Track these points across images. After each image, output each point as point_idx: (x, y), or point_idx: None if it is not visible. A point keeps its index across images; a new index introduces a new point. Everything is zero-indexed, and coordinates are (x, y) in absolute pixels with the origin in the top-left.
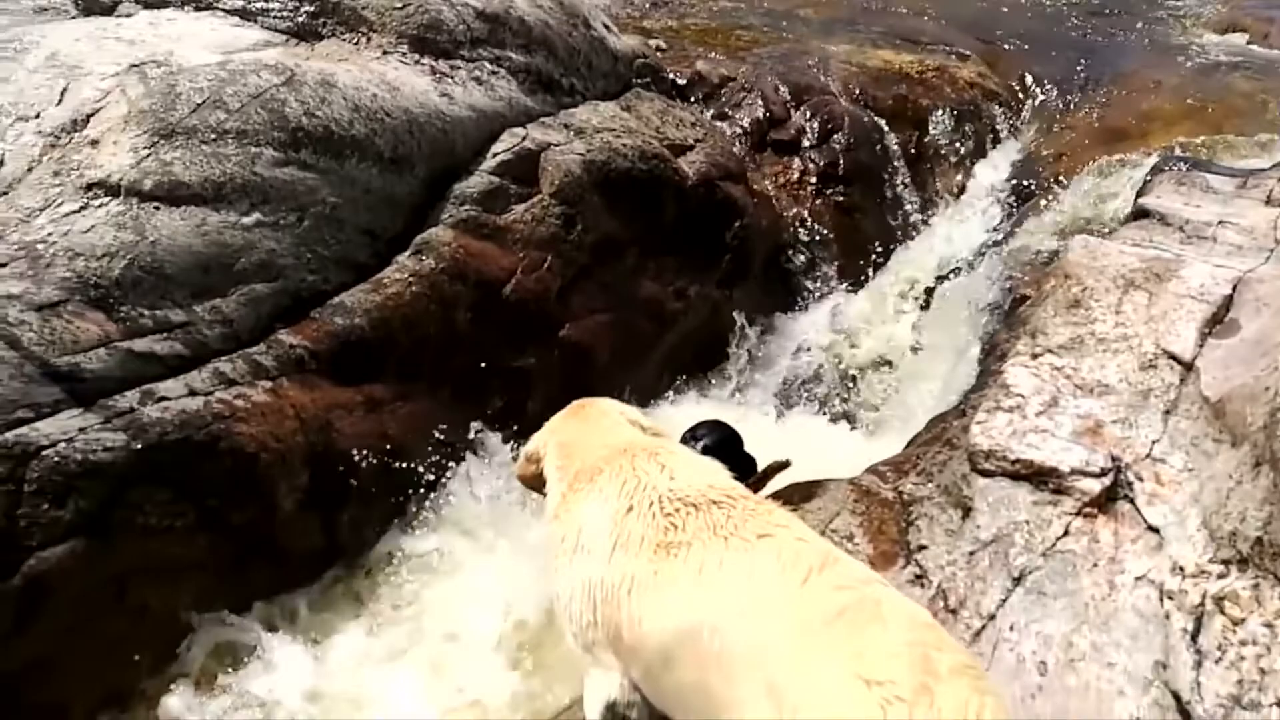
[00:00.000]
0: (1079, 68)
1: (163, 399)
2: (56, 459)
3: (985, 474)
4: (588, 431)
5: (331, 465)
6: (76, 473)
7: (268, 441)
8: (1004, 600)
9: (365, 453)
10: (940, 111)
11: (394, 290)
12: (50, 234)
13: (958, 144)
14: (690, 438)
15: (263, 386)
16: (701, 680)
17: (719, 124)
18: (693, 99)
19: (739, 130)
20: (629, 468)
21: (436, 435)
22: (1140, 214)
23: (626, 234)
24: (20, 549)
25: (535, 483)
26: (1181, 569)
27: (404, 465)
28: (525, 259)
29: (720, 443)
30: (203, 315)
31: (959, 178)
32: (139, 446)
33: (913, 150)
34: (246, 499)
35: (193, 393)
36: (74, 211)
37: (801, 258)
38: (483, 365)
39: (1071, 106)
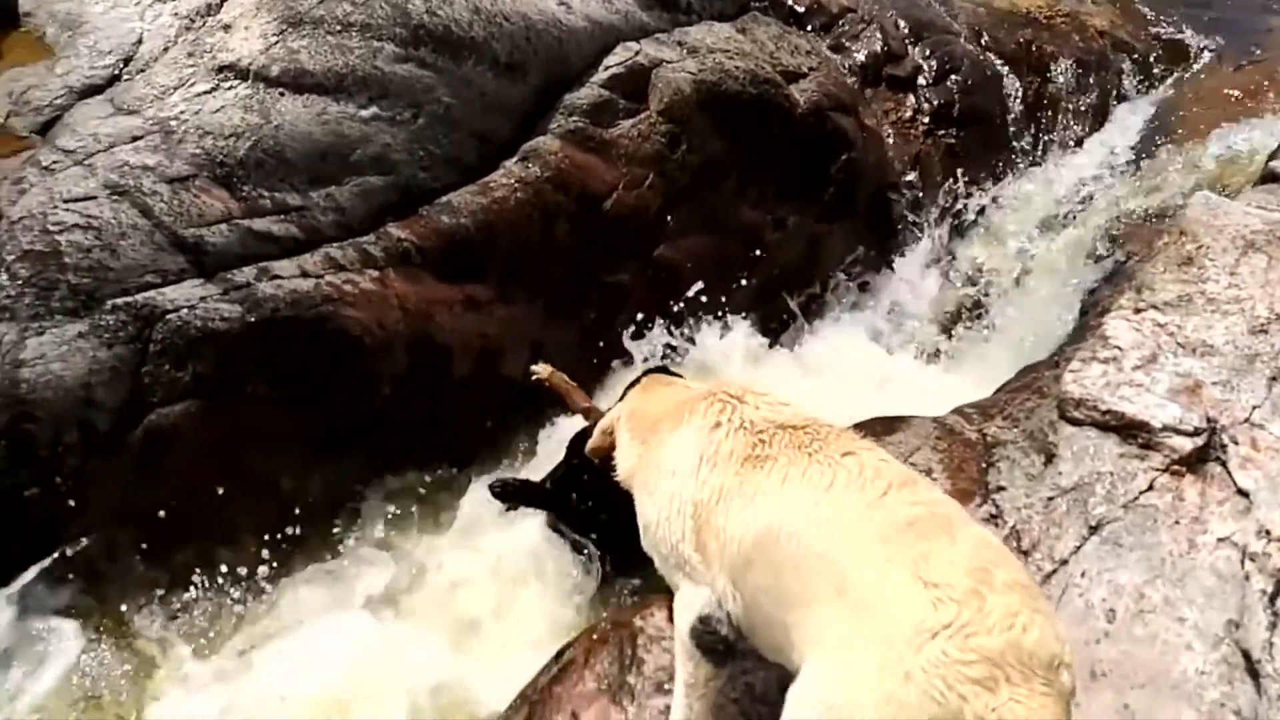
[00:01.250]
0: (1218, 23)
1: (277, 277)
2: (179, 323)
3: (1073, 422)
4: (660, 395)
5: (430, 357)
6: (196, 338)
7: (372, 327)
8: (1078, 547)
9: (463, 349)
10: (1065, 60)
11: (500, 195)
12: (183, 112)
13: (1081, 95)
14: None
15: (370, 275)
16: (776, 583)
17: (834, 55)
18: (809, 27)
19: (854, 63)
20: (715, 401)
21: (534, 340)
22: (1270, 177)
23: (730, 158)
24: (143, 405)
25: (609, 452)
26: (1268, 533)
27: (499, 366)
28: (628, 175)
29: None
30: (318, 201)
31: (1078, 129)
32: (253, 320)
33: (1032, 98)
34: (348, 381)
35: (305, 274)
36: (205, 92)
37: (906, 198)
38: (579, 277)
39: (1207, 63)
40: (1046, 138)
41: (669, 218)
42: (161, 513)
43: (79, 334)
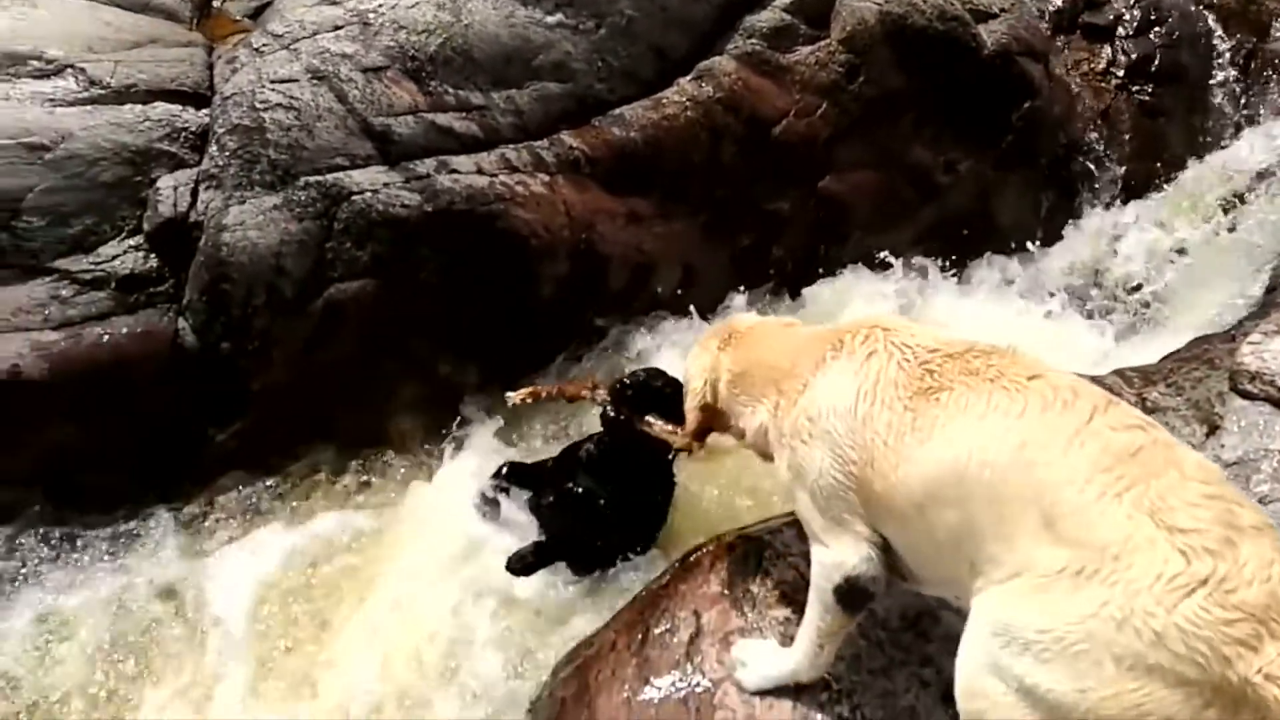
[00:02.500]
0: None
1: (455, 172)
2: (362, 206)
3: (1245, 395)
4: (775, 342)
5: (589, 265)
6: (377, 221)
7: (539, 229)
8: None
9: (620, 261)
10: None
11: (671, 111)
12: (380, 5)
13: None
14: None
15: (541, 179)
16: (964, 518)
17: None
18: None
19: (1049, 7)
20: (863, 332)
21: (687, 260)
22: None
23: (907, 94)
24: (324, 278)
25: (718, 425)
26: None
27: (651, 282)
28: (800, 102)
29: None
30: (498, 103)
31: None
32: (429, 210)
33: (1244, 58)
34: (512, 278)
35: (480, 172)
36: None
37: (1089, 155)
38: (739, 201)
39: None
40: (1258, 103)
41: (838, 150)
42: (332, 379)
43: (274, 206)
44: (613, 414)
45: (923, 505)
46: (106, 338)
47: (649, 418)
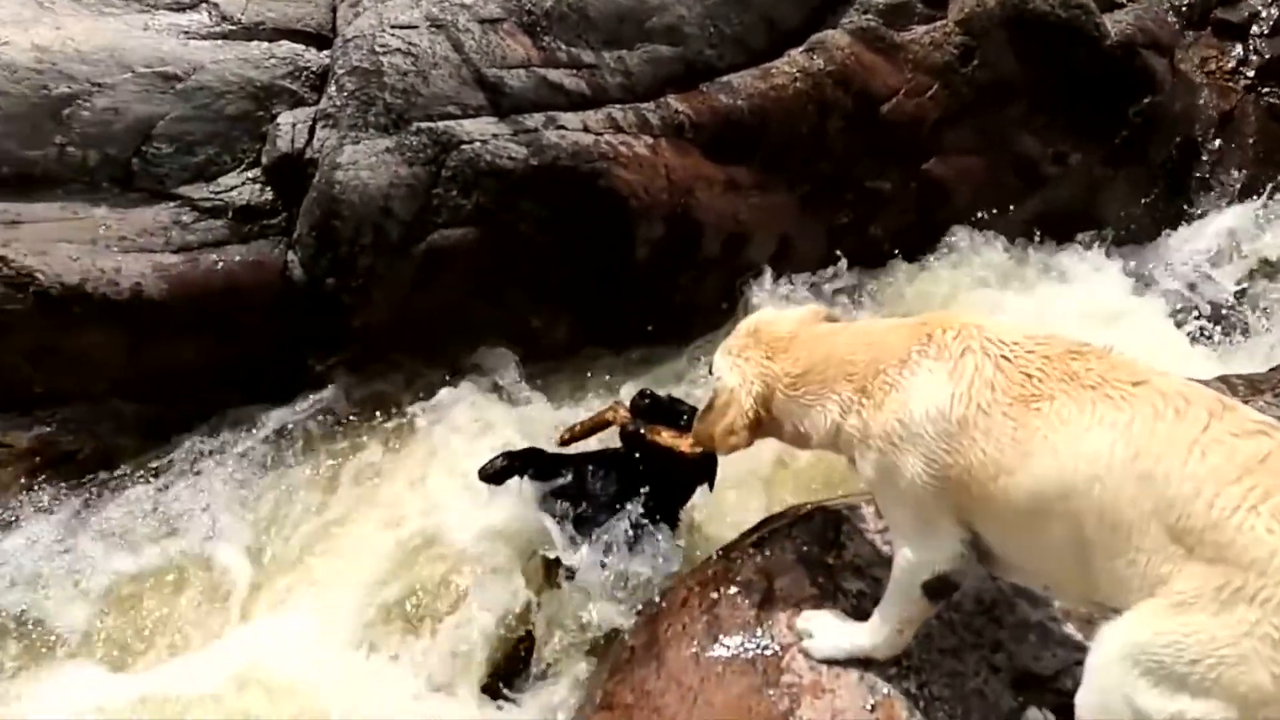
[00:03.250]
0: None
1: (562, 128)
2: (470, 155)
3: None
4: (843, 340)
5: (685, 231)
6: (483, 171)
7: (639, 191)
8: None
9: (715, 229)
10: None
11: (779, 82)
12: None
13: None
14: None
15: (645, 141)
16: (1073, 533)
17: None
18: None
19: (1181, 1)
20: (952, 333)
21: (783, 232)
22: None
23: (1022, 81)
24: (428, 223)
25: (766, 433)
26: None
27: (744, 252)
28: (912, 82)
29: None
30: (609, 62)
31: None
32: (535, 164)
33: None
34: (609, 238)
35: (586, 129)
36: None
37: (1208, 156)
38: (840, 177)
39: None
40: None
41: (945, 133)
42: (429, 323)
43: (386, 149)
44: (630, 427)
45: (1026, 516)
46: (221, 264)
47: (659, 428)
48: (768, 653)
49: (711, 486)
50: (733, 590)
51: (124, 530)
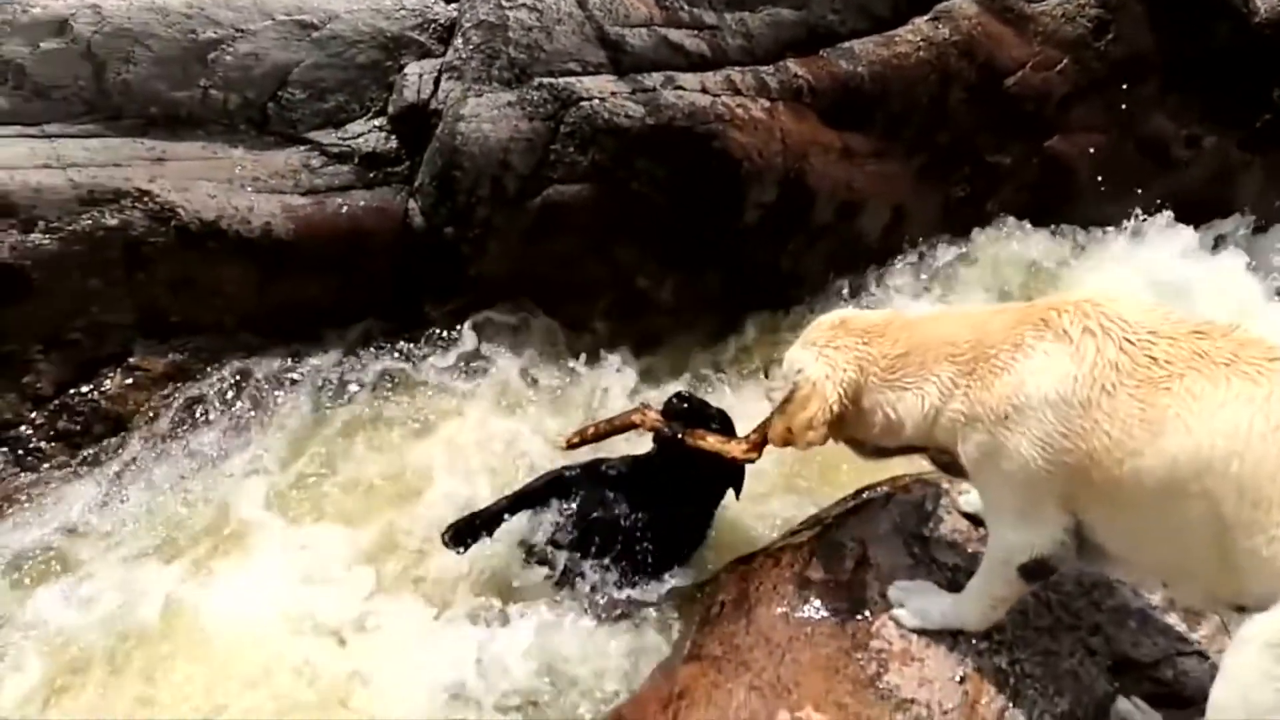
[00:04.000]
0: None
1: (680, 88)
2: (589, 112)
3: None
4: (939, 327)
5: (796, 197)
6: (601, 129)
7: (753, 154)
8: None
9: (828, 196)
10: None
11: (902, 50)
12: None
13: None
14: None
15: (761, 104)
16: (1209, 512)
17: None
18: None
19: None
20: (1069, 314)
21: (897, 202)
22: None
23: (1158, 57)
24: (545, 178)
25: (844, 433)
26: None
27: (855, 221)
28: (1040, 55)
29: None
30: (730, 24)
31: None
32: (651, 123)
33: None
34: (720, 200)
35: (704, 90)
36: None
37: None
38: (959, 149)
39: None
40: None
41: (1072, 109)
42: (540, 277)
43: (508, 103)
44: (668, 431)
45: (1155, 498)
46: (346, 208)
47: (702, 431)
48: (858, 617)
49: (739, 494)
50: (826, 555)
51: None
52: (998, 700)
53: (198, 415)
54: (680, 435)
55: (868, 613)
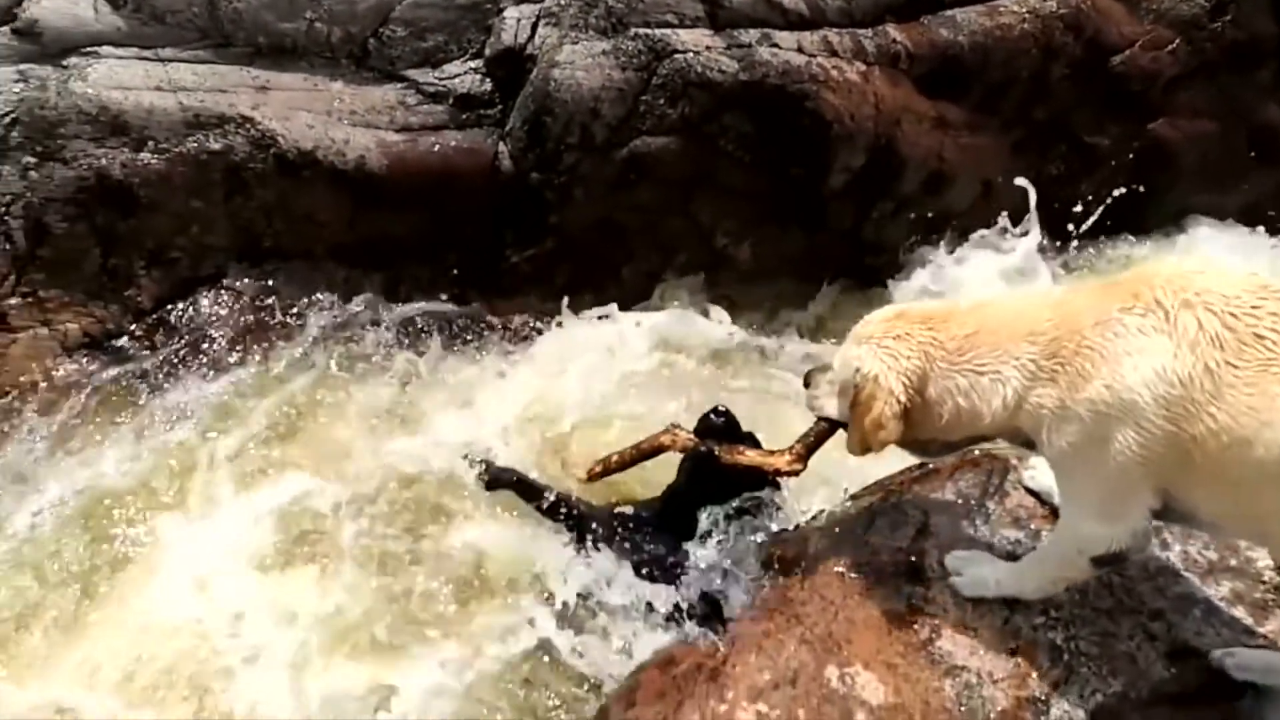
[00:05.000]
0: None
1: (776, 46)
2: (682, 65)
3: None
4: (1010, 306)
5: (885, 163)
6: (693, 82)
7: (844, 117)
8: None
9: (917, 165)
10: None
11: (1006, 21)
12: None
13: None
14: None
15: (857, 68)
16: None
17: None
18: None
19: None
20: (1161, 287)
21: (987, 177)
22: None
23: (1275, 43)
24: (633, 129)
25: (918, 424)
26: None
27: (943, 193)
28: (1151, 34)
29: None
30: None
31: None
32: (744, 79)
33: None
34: (807, 161)
35: (800, 50)
36: None
37: None
38: (1056, 127)
39: None
40: None
41: (1179, 92)
42: (621, 227)
43: (603, 51)
44: (704, 449)
45: (1265, 480)
46: (437, 147)
47: (740, 447)
48: (915, 583)
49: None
50: (888, 520)
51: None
52: (1050, 675)
53: (279, 337)
54: (717, 452)
55: (925, 579)
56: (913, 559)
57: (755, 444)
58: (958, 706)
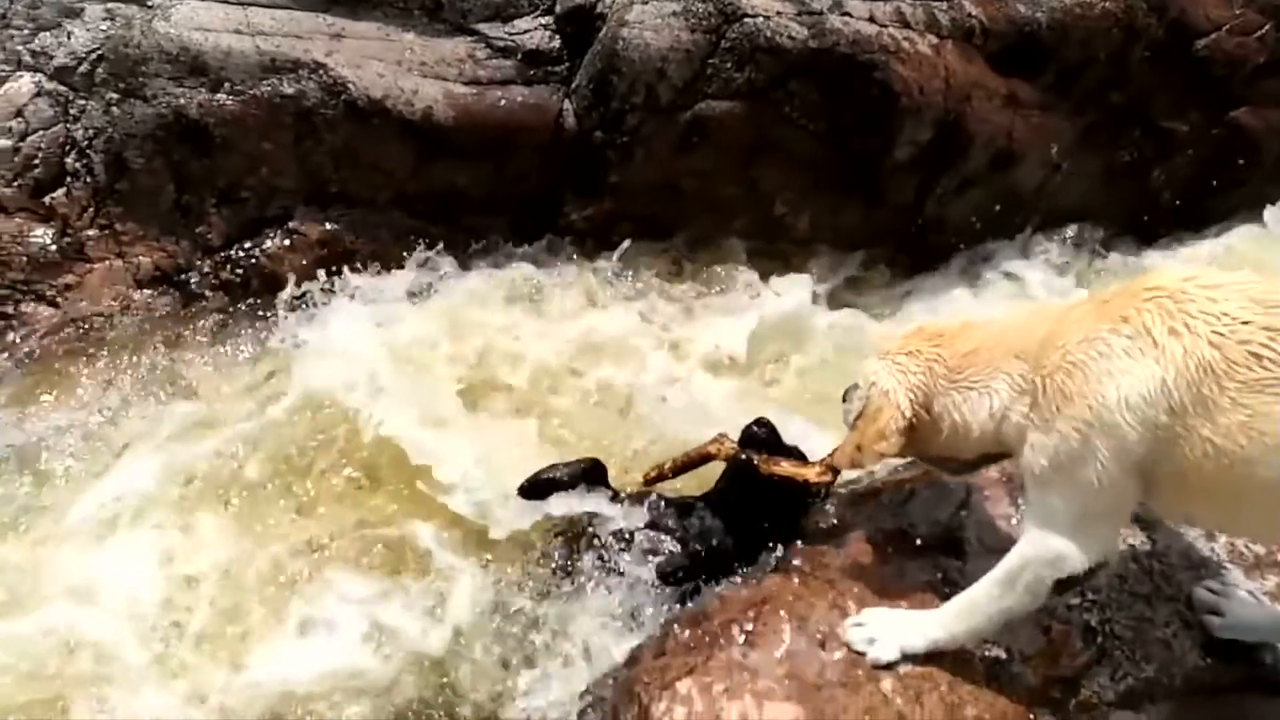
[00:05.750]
0: None
1: (847, 15)
2: (752, 29)
3: None
4: (1010, 323)
5: (952, 139)
6: (762, 47)
7: (913, 90)
8: None
9: (985, 143)
10: None
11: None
12: None
13: None
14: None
15: (929, 40)
16: None
17: None
18: None
19: None
20: (1151, 310)
21: (1056, 159)
22: None
23: None
24: (699, 92)
25: (923, 440)
26: None
27: (1009, 172)
28: (1240, 18)
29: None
30: None
31: None
32: (814, 46)
33: None
34: (872, 132)
35: (872, 20)
36: None
37: None
38: (1132, 111)
39: None
40: None
41: (1264, 80)
42: (680, 190)
43: (673, 13)
44: (744, 458)
45: (1268, 496)
46: (504, 101)
47: (776, 458)
48: (951, 557)
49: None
50: (929, 494)
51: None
52: (1082, 656)
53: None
54: (756, 462)
55: (963, 553)
56: (951, 534)
57: (800, 456)
58: (986, 681)
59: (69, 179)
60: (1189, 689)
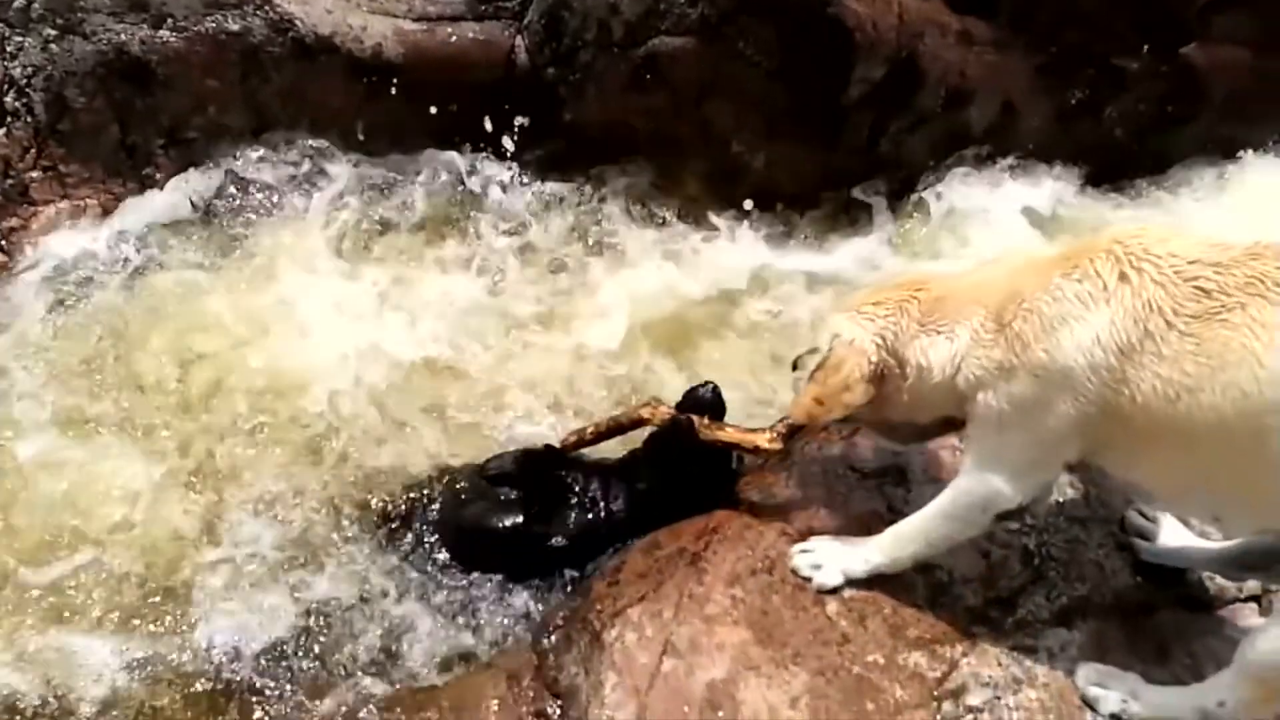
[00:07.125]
0: None
1: None
2: None
3: None
4: (975, 273)
5: (904, 77)
6: None
7: (866, 25)
8: None
9: (937, 80)
10: None
11: None
12: None
13: None
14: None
15: None
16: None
17: None
18: None
19: None
20: (1100, 256)
21: (1009, 98)
22: None
23: None
24: (651, 28)
25: (886, 396)
26: None
27: (960, 111)
28: None
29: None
30: None
31: None
32: None
33: None
34: (825, 67)
35: None
36: None
37: None
38: (1084, 48)
39: None
40: None
41: (1216, 15)
42: (634, 129)
43: None
44: (683, 421)
45: (1215, 436)
46: (454, 38)
47: (723, 423)
48: (897, 485)
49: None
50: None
51: None
52: (1019, 577)
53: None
54: (697, 426)
55: (908, 482)
56: (898, 462)
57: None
58: (928, 603)
59: (9, 118)
60: (1119, 607)
